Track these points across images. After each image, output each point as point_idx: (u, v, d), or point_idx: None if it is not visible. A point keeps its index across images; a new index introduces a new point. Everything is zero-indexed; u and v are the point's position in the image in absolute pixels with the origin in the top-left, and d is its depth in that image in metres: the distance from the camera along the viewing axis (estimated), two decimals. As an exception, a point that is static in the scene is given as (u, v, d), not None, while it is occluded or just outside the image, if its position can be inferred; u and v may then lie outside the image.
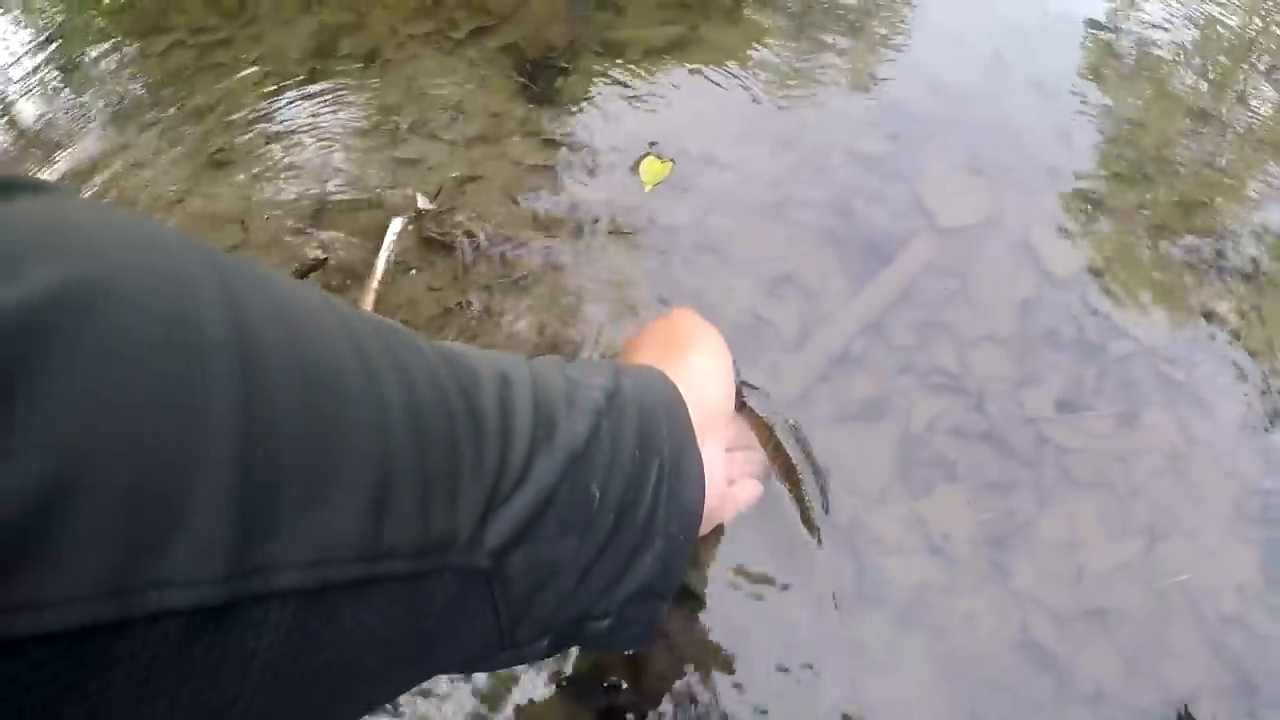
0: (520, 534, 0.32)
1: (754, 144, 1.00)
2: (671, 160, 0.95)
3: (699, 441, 0.44)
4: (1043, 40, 1.19)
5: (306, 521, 0.24)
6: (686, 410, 0.44)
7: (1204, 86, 1.23)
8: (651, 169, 0.92)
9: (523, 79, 1.06)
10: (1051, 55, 1.17)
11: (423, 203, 0.89)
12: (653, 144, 0.98)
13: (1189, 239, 0.99)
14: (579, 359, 0.45)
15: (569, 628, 0.39)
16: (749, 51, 1.13)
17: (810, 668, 0.69)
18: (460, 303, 0.85)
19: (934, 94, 1.08)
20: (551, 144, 0.99)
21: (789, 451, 0.74)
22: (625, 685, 0.68)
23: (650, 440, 0.40)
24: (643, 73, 1.09)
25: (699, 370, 0.51)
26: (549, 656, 0.40)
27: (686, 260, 0.89)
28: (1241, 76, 1.28)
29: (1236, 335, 0.93)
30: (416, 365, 0.30)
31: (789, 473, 0.73)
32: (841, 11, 1.21)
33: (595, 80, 1.06)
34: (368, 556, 0.26)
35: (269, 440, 0.23)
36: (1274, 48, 1.35)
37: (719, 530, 0.71)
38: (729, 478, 0.58)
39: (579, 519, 0.35)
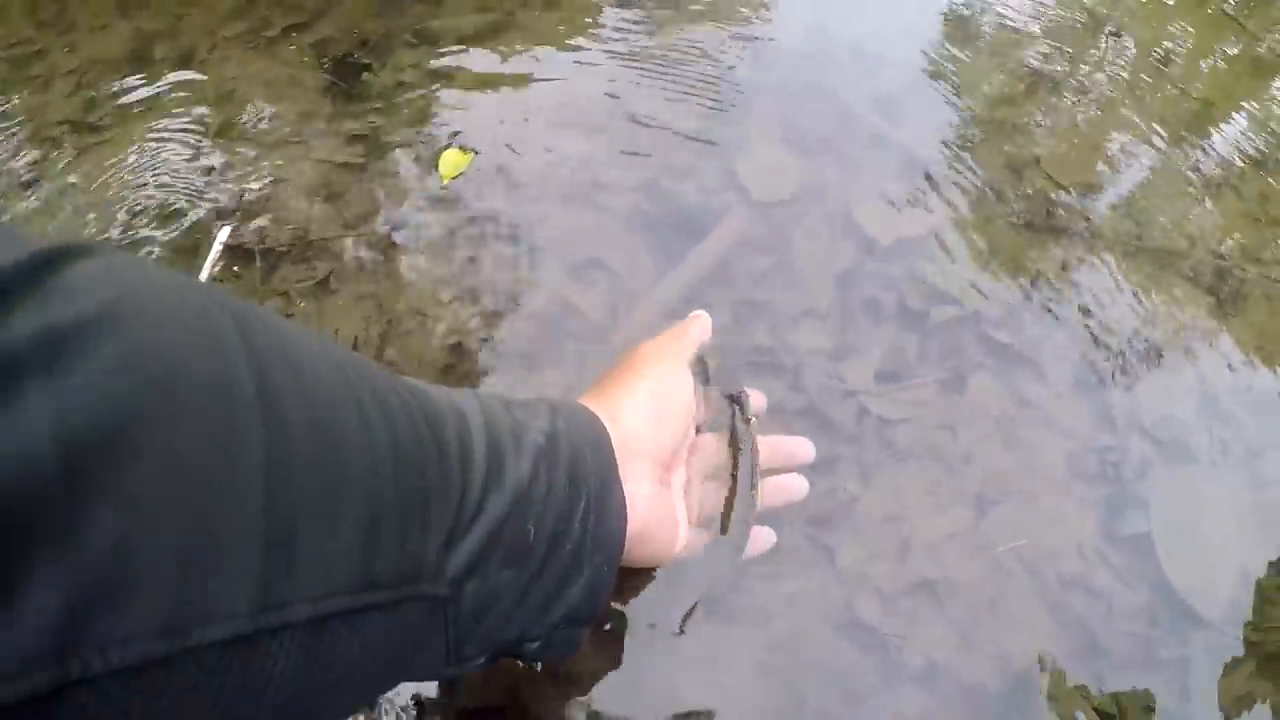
0: (474, 565, 0.36)
1: (566, 127, 0.97)
2: (474, 151, 0.92)
3: (620, 471, 0.48)
4: (865, 5, 1.18)
5: (315, 558, 0.27)
6: (610, 444, 0.48)
7: (1037, 50, 1.24)
8: (451, 160, 0.89)
9: (330, 76, 1.01)
10: (875, 21, 1.16)
11: (228, 205, 0.85)
12: (455, 134, 0.94)
13: (1017, 202, 0.98)
14: (519, 399, 0.46)
15: (506, 645, 0.43)
16: (565, 34, 1.11)
17: (625, 665, 0.65)
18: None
19: (754, 67, 1.07)
20: (359, 140, 0.95)
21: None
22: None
23: (578, 477, 0.43)
24: (455, 62, 1.05)
25: (628, 403, 0.53)
26: (485, 669, 0.44)
27: (493, 250, 0.85)
28: (1076, 39, 1.29)
29: (1064, 294, 0.92)
30: (394, 402, 0.33)
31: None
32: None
33: (406, 72, 1.03)
34: (361, 587, 0.29)
35: (288, 487, 0.26)
36: (1114, 10, 1.37)
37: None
38: (692, 509, 0.59)
39: (518, 552, 0.39)
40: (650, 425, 0.53)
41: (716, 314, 0.78)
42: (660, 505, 0.53)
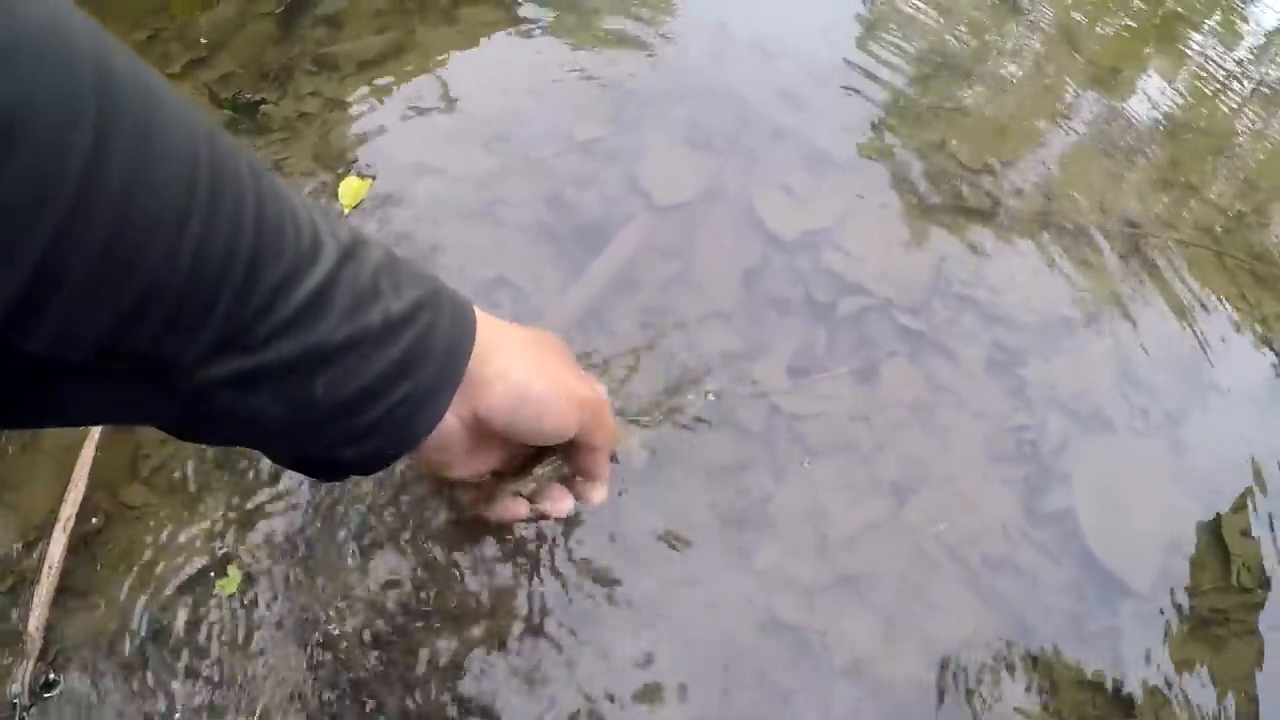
0: (232, 382, 0.36)
1: (465, 144, 0.98)
2: (371, 177, 0.91)
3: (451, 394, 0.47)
4: (762, 4, 1.19)
5: (65, 315, 0.28)
6: (465, 362, 0.47)
7: (943, 35, 1.26)
8: (350, 189, 0.88)
9: (229, 109, 1.01)
10: (779, 16, 1.17)
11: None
12: (353, 161, 0.94)
13: (923, 185, 0.99)
14: (417, 268, 0.46)
15: (257, 448, 0.44)
16: (463, 50, 1.11)
17: (541, 682, 0.65)
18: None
19: (655, 70, 1.07)
20: (263, 173, 0.94)
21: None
22: None
23: (408, 368, 0.43)
24: (354, 86, 1.05)
25: (523, 356, 0.52)
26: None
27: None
28: (982, 21, 1.31)
29: (974, 275, 0.93)
30: (235, 209, 0.33)
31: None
32: None
33: (306, 100, 1.02)
34: (108, 363, 0.31)
35: (74, 246, 0.27)
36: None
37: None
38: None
39: (291, 399, 0.39)
40: (521, 400, 0.52)
41: (623, 322, 0.78)
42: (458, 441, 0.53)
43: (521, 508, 0.59)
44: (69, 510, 0.67)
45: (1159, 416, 0.89)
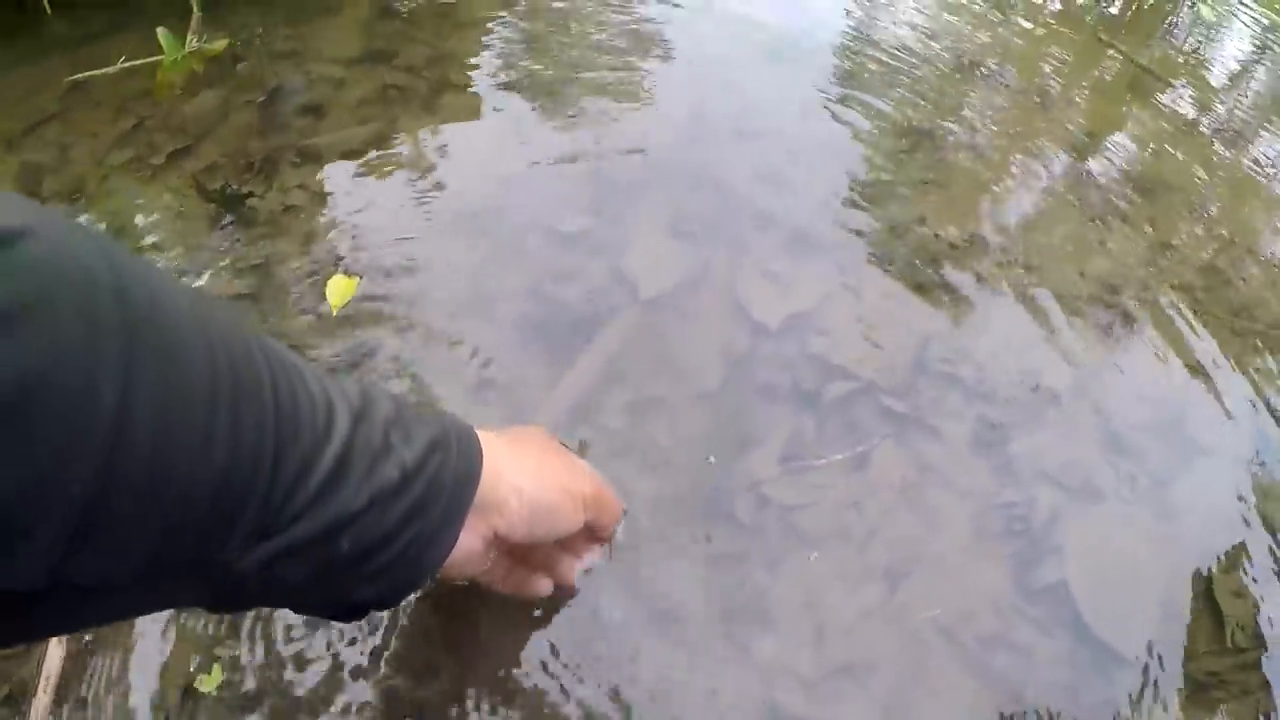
0: (268, 563, 0.38)
1: (451, 237, 1.00)
2: (359, 274, 0.94)
3: (461, 523, 0.50)
4: (741, 84, 1.22)
5: (115, 542, 0.30)
6: (473, 491, 0.51)
7: (915, 106, 1.29)
8: (338, 288, 0.90)
9: (215, 203, 1.03)
10: (752, 97, 1.20)
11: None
12: (340, 259, 0.96)
13: (903, 262, 1.02)
14: (417, 415, 0.49)
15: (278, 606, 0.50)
16: (445, 139, 1.13)
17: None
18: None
19: (635, 159, 1.10)
20: (250, 271, 0.97)
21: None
22: None
23: (420, 511, 0.46)
24: (338, 178, 1.08)
25: (526, 466, 0.57)
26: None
27: (387, 380, 0.87)
28: (952, 89, 1.34)
29: (957, 350, 0.95)
30: (247, 413, 0.35)
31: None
32: (540, 86, 1.22)
33: (292, 193, 1.05)
34: (151, 573, 0.32)
35: (113, 494, 0.28)
36: (987, 56, 1.42)
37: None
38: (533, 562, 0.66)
39: (319, 561, 0.41)
40: (532, 517, 0.57)
41: (611, 416, 0.80)
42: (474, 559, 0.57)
43: (545, 584, 0.67)
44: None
45: (1146, 482, 0.91)
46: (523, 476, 0.56)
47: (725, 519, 0.79)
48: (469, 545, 0.54)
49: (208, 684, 0.66)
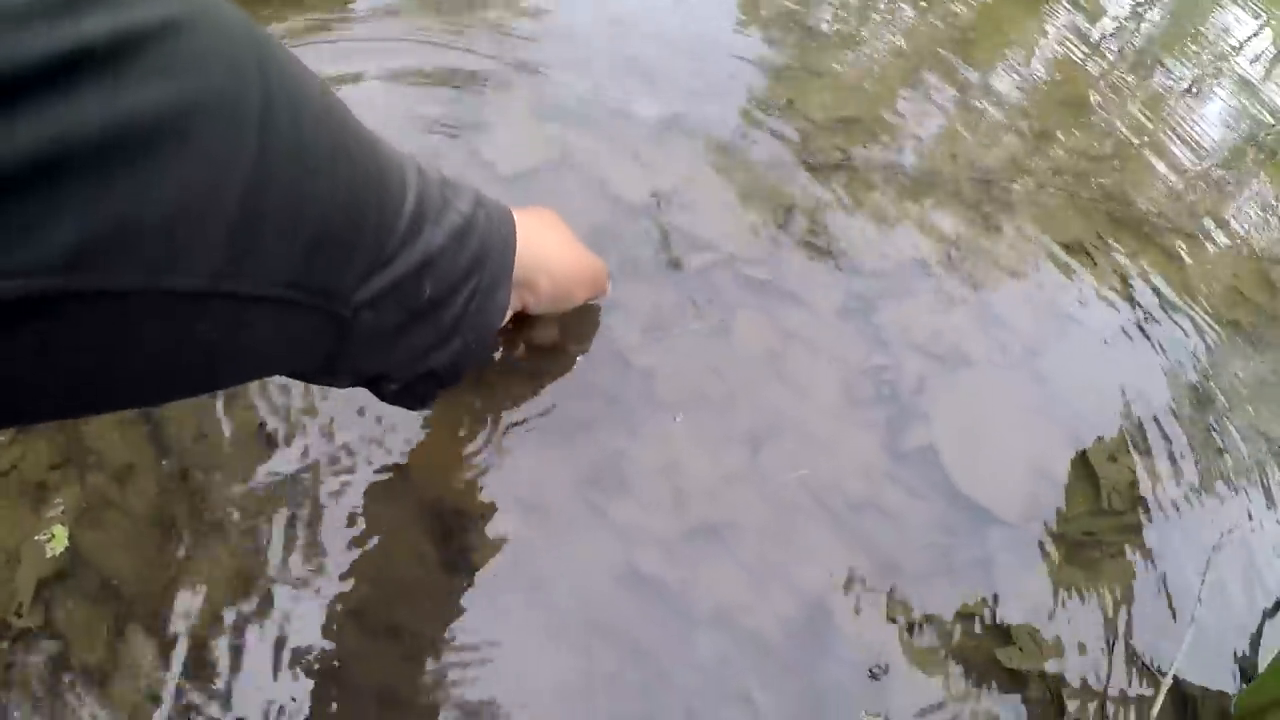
0: (374, 301, 0.44)
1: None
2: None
3: (510, 284, 0.57)
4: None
5: (266, 254, 0.35)
6: (513, 251, 0.57)
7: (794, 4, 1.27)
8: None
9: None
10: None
11: None
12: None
13: (768, 141, 1.00)
14: (452, 179, 0.54)
15: (369, 378, 0.53)
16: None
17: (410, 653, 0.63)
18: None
19: (499, 44, 1.07)
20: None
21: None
22: None
23: (479, 264, 0.53)
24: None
25: (550, 244, 0.67)
26: (345, 387, 0.54)
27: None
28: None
29: (824, 227, 0.94)
30: (357, 151, 0.41)
31: None
32: None
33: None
34: (290, 286, 0.37)
35: (262, 195, 0.33)
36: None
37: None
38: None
39: (410, 304, 0.48)
40: (551, 266, 0.66)
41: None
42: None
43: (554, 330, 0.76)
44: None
45: (1018, 350, 0.91)
46: (551, 258, 0.65)
47: (585, 388, 0.77)
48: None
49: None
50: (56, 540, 0.64)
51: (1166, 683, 0.73)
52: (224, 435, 0.69)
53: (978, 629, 0.72)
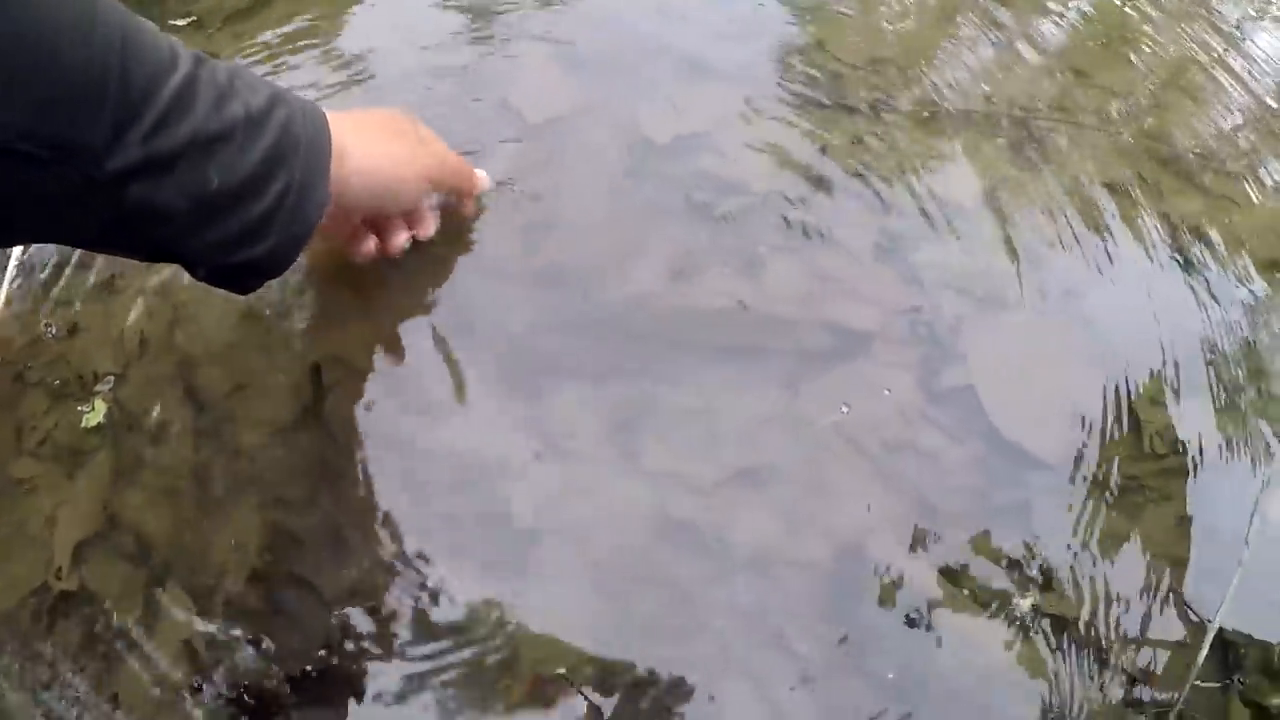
0: (138, 173, 0.44)
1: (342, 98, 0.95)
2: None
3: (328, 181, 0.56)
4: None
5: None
6: (328, 155, 0.56)
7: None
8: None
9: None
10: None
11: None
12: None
13: (799, 86, 0.98)
14: (255, 78, 0.54)
15: (178, 256, 0.52)
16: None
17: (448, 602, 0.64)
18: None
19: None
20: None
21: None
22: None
23: (281, 159, 0.52)
24: (224, 42, 1.00)
25: (365, 142, 0.63)
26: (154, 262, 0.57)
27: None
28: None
29: (857, 166, 0.92)
30: (110, 18, 0.42)
31: None
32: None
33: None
34: (20, 136, 0.38)
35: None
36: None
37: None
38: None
39: (191, 192, 0.47)
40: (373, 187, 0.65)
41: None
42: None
43: (370, 246, 0.73)
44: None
45: (1057, 292, 0.89)
46: (365, 159, 0.63)
47: (616, 331, 0.76)
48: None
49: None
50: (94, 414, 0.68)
51: (1212, 630, 0.71)
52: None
53: (1017, 574, 0.70)
